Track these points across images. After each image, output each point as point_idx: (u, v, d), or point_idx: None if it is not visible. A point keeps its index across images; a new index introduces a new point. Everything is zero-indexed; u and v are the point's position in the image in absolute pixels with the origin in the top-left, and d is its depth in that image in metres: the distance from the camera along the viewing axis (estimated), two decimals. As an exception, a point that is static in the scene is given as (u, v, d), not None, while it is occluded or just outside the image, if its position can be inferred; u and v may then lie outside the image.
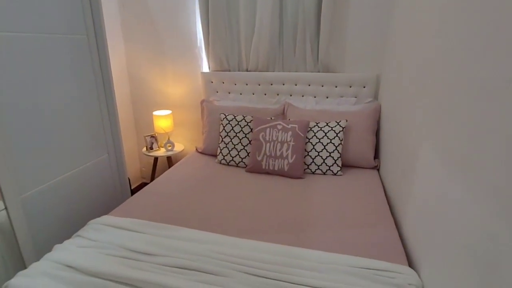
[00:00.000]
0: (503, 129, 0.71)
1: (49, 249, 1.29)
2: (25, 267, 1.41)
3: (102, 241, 1.29)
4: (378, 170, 2.09)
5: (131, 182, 2.76)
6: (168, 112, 2.67)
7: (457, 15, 1.04)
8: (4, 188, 1.34)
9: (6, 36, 1.35)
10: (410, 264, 1.20)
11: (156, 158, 2.73)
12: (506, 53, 0.72)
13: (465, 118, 0.91)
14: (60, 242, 1.33)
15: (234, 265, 1.14)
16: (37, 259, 1.24)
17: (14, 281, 1.09)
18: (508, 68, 0.71)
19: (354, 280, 1.08)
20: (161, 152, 2.64)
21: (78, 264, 1.14)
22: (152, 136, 2.67)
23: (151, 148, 2.66)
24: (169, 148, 2.65)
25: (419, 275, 1.12)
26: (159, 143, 2.72)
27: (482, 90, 0.82)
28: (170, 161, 2.72)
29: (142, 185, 3.03)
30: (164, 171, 2.17)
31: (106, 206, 1.99)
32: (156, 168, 2.77)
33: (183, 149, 2.79)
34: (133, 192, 2.55)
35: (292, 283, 1.06)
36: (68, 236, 1.40)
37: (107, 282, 1.07)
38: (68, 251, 1.23)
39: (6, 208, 1.36)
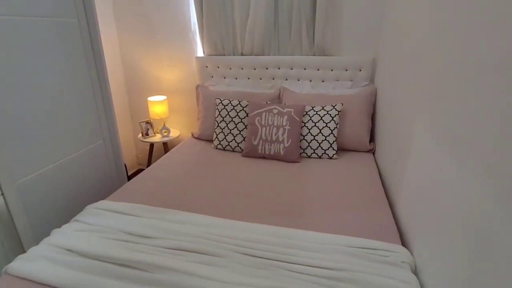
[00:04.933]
0: (496, 108, 0.71)
1: (47, 234, 1.30)
2: (24, 252, 1.43)
3: (100, 225, 1.30)
4: (374, 153, 2.10)
5: (127, 169, 2.76)
6: (163, 97, 2.65)
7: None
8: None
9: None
10: (404, 243, 1.23)
11: (152, 144, 2.72)
12: (500, 31, 0.72)
13: (459, 97, 0.91)
14: (58, 227, 1.34)
15: (232, 246, 1.16)
16: (36, 244, 1.25)
17: (13, 264, 1.10)
18: (502, 46, 0.71)
19: (350, 259, 1.10)
20: (157, 138, 2.63)
21: (77, 247, 1.15)
22: (147, 122, 2.65)
23: (147, 134, 2.65)
24: (165, 134, 2.64)
25: (412, 254, 1.15)
26: (154, 129, 2.71)
27: (475, 69, 0.83)
28: (166, 147, 2.72)
29: (139, 172, 3.03)
30: (160, 157, 2.17)
31: (103, 192, 2.00)
32: (152, 154, 2.77)
33: (179, 135, 2.78)
34: (129, 178, 2.56)
35: (288, 262, 1.09)
36: (66, 221, 1.40)
37: (106, 264, 1.08)
38: (66, 235, 1.25)
39: (2, 194, 1.36)
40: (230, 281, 0.99)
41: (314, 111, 2.04)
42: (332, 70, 2.30)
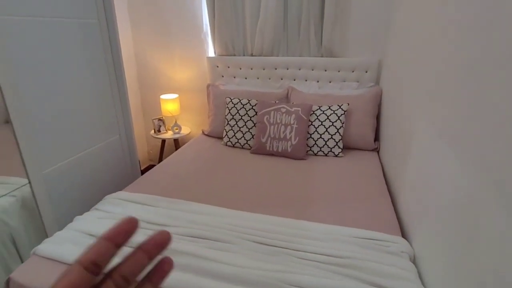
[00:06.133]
0: (496, 110, 0.78)
1: (69, 221, 1.39)
2: (47, 237, 1.52)
3: (119, 213, 1.39)
4: (378, 152, 2.17)
5: (140, 164, 2.86)
6: (175, 96, 2.74)
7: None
8: (28, 164, 1.43)
9: (20, 20, 1.40)
10: (404, 235, 1.30)
11: (163, 141, 2.82)
12: (497, 33, 0.79)
13: (456, 99, 0.98)
14: (79, 214, 1.44)
15: (243, 234, 1.24)
16: (58, 230, 1.35)
17: (41, 246, 1.19)
18: (498, 47, 0.78)
19: (353, 248, 1.17)
20: (168, 135, 2.73)
21: (99, 232, 1.23)
22: (159, 119, 2.75)
23: (159, 131, 2.75)
24: (176, 131, 2.73)
25: (411, 244, 1.22)
26: (166, 126, 2.80)
27: (473, 69, 0.89)
28: (177, 143, 2.82)
29: (150, 167, 3.12)
30: (171, 153, 2.26)
31: (119, 185, 2.09)
32: (164, 150, 2.87)
33: (190, 132, 2.87)
34: (142, 173, 2.65)
35: (296, 250, 1.16)
36: (85, 210, 1.50)
37: (126, 248, 1.17)
38: (88, 221, 1.34)
39: (29, 182, 1.46)
40: (243, 265, 1.07)
41: (321, 110, 2.11)
42: (339, 71, 2.37)
